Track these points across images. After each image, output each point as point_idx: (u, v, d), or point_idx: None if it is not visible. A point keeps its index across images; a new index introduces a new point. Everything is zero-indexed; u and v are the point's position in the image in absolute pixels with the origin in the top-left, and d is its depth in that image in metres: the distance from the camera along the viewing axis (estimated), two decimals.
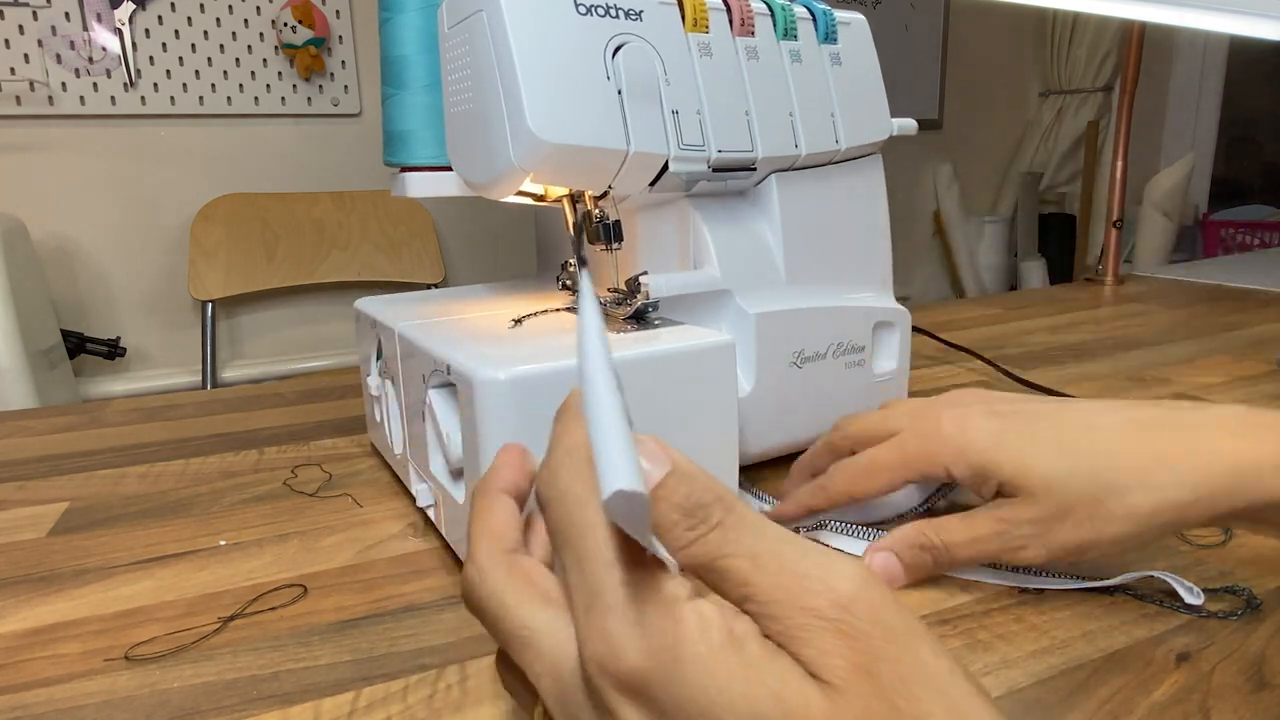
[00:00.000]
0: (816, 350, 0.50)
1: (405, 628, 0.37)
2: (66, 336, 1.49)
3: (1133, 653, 0.33)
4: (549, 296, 0.54)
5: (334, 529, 0.47)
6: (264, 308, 1.72)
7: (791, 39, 0.46)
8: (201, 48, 1.56)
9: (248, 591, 0.40)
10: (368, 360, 0.55)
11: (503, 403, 0.35)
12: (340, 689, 0.32)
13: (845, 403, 0.51)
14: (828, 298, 0.50)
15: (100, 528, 0.48)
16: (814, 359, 0.50)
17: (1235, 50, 2.74)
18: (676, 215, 0.47)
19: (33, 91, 1.46)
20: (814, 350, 0.50)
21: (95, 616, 0.38)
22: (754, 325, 0.47)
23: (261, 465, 0.57)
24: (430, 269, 1.74)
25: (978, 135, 2.64)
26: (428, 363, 0.41)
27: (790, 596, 0.19)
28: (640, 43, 0.41)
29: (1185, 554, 0.41)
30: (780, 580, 0.19)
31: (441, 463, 0.42)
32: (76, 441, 0.63)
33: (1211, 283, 1.15)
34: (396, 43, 0.49)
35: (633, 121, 0.40)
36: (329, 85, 1.68)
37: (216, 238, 1.59)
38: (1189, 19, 0.58)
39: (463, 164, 0.45)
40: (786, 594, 0.19)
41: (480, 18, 0.39)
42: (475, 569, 0.23)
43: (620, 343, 0.39)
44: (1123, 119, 1.18)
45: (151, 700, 0.32)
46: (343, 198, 1.71)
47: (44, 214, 1.52)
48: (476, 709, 0.31)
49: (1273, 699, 0.30)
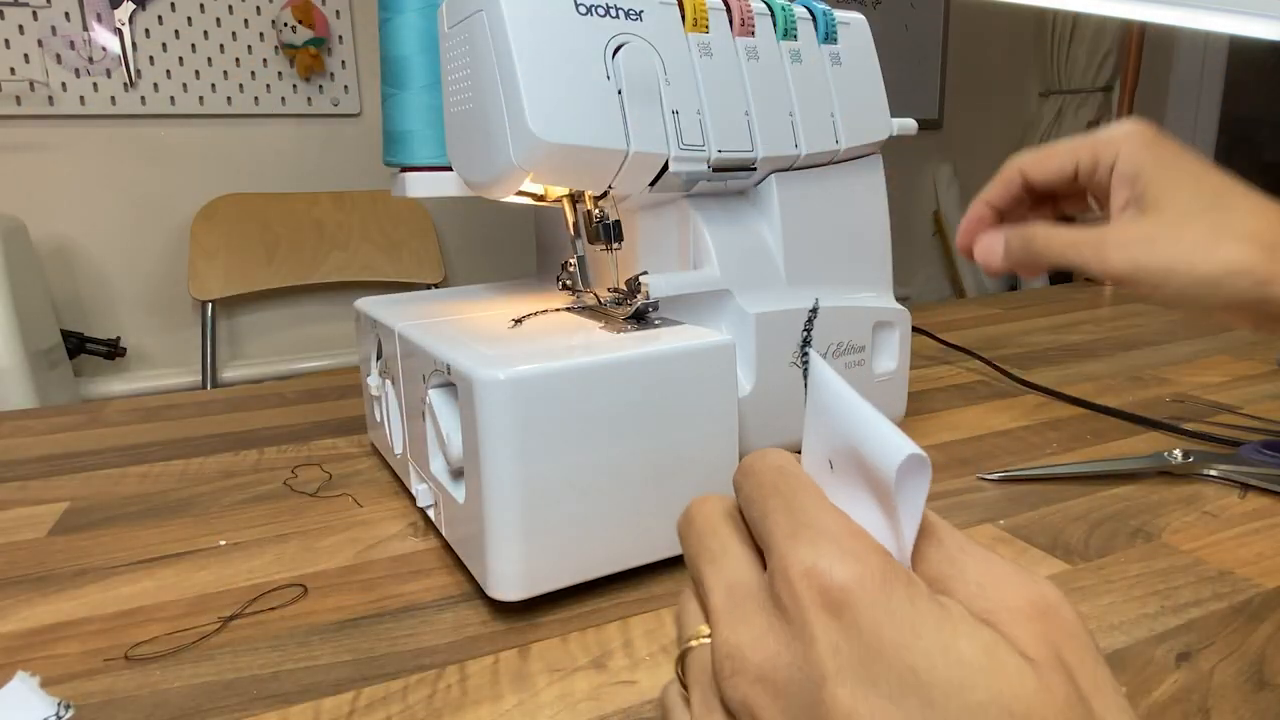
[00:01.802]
0: (816, 350, 0.50)
1: (405, 628, 0.37)
2: (66, 336, 1.49)
3: (1133, 652, 0.33)
4: (549, 296, 0.54)
5: (334, 529, 0.47)
6: (264, 308, 1.72)
7: (791, 39, 0.46)
8: (201, 48, 1.56)
9: (248, 591, 0.40)
10: (368, 360, 0.55)
11: (503, 403, 0.35)
12: (340, 689, 0.32)
13: None
14: (828, 298, 0.50)
15: (100, 528, 0.48)
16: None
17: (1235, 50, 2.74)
18: (676, 215, 0.47)
19: (33, 91, 1.46)
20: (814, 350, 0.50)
21: (95, 616, 0.38)
22: (754, 325, 0.47)
23: (261, 465, 0.57)
24: (430, 269, 1.74)
25: (978, 135, 2.64)
26: (428, 363, 0.41)
27: (997, 588, 0.19)
28: (640, 43, 0.41)
29: (1185, 554, 0.41)
30: (988, 569, 0.19)
31: (441, 463, 0.42)
32: (76, 441, 0.63)
33: None
34: (396, 43, 0.49)
35: (633, 121, 0.40)
36: (329, 85, 1.68)
37: (216, 238, 1.59)
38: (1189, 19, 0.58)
39: (462, 164, 0.45)
40: (994, 584, 0.19)
41: (480, 18, 0.39)
42: (710, 496, 0.25)
43: (620, 343, 0.39)
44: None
45: (151, 700, 0.32)
46: (343, 198, 1.71)
47: (44, 214, 1.52)
48: (476, 709, 0.31)
49: (1273, 699, 0.30)
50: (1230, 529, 0.44)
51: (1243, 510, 0.46)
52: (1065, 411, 0.64)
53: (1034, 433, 0.60)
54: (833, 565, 0.18)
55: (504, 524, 0.36)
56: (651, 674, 0.33)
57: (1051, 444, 0.57)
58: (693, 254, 0.47)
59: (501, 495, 0.35)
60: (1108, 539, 0.43)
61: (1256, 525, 0.44)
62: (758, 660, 0.19)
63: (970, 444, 0.57)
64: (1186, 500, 0.48)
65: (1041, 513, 0.47)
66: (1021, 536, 0.44)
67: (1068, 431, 0.60)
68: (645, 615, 0.37)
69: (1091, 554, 0.42)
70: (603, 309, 0.47)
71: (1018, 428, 0.61)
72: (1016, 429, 0.61)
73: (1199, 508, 0.47)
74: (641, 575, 0.40)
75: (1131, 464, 0.52)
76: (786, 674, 0.19)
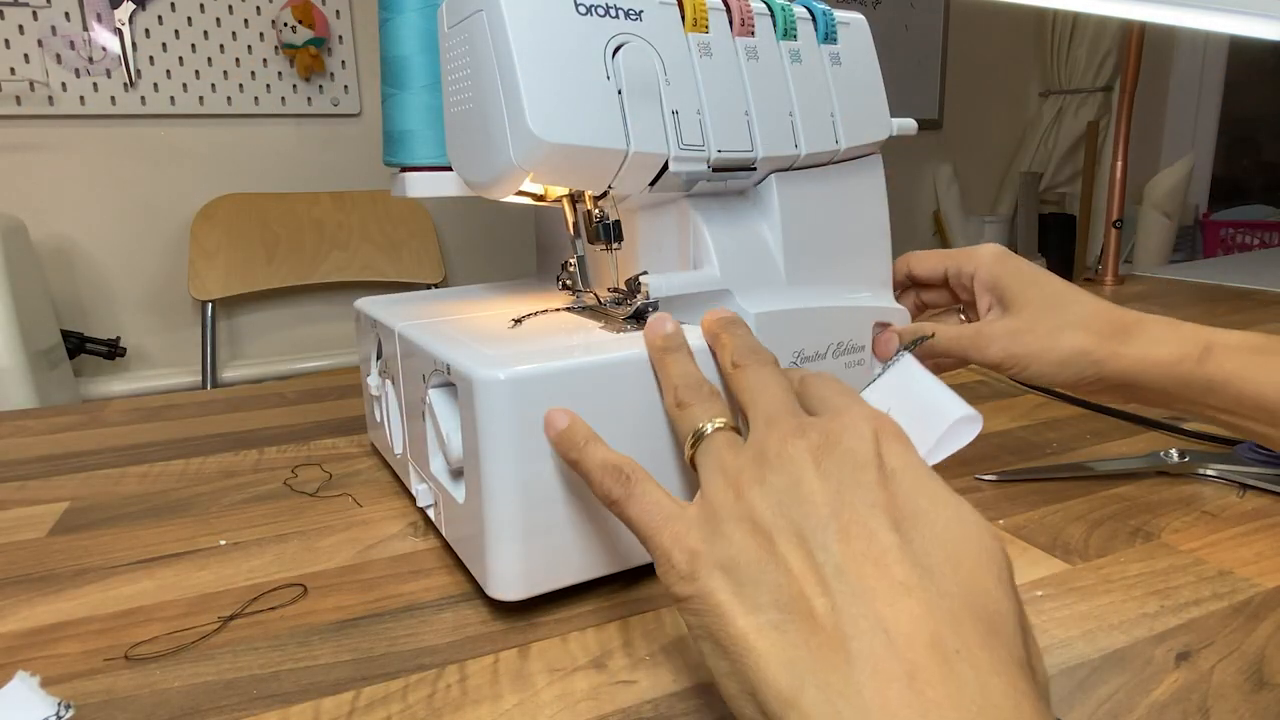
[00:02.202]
0: (816, 350, 0.50)
1: (405, 628, 0.37)
2: (66, 336, 1.49)
3: (1132, 652, 0.33)
4: (549, 296, 0.54)
5: (334, 529, 0.47)
6: (264, 308, 1.72)
7: (791, 39, 0.46)
8: (201, 48, 1.56)
9: (248, 591, 0.40)
10: (368, 360, 0.55)
11: (503, 403, 0.35)
12: (340, 689, 0.32)
13: None
14: (828, 298, 0.50)
15: (100, 528, 0.48)
16: (814, 359, 0.50)
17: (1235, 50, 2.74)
18: (676, 215, 0.47)
19: (33, 91, 1.46)
20: (814, 350, 0.50)
21: (95, 616, 0.38)
22: (754, 325, 0.47)
23: (261, 465, 0.57)
24: (430, 269, 1.74)
25: (978, 135, 2.64)
26: (428, 363, 0.41)
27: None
28: (640, 43, 0.41)
29: (1185, 553, 0.41)
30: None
31: (441, 463, 0.42)
32: (76, 441, 0.63)
33: (1211, 283, 1.15)
34: (396, 43, 0.49)
35: (633, 121, 0.40)
36: (329, 85, 1.68)
37: (216, 238, 1.59)
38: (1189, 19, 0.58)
39: (462, 164, 0.45)
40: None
41: (480, 18, 0.39)
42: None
43: (620, 343, 0.39)
44: (1123, 119, 1.18)
45: (151, 700, 0.32)
46: (343, 198, 1.71)
47: (44, 214, 1.52)
48: (476, 709, 0.31)
49: (1272, 698, 0.30)
50: (1230, 529, 0.44)
51: (1242, 510, 0.46)
52: (1064, 411, 0.64)
53: (1033, 433, 0.60)
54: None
55: (504, 524, 0.36)
56: (651, 674, 0.33)
57: (1051, 444, 0.57)
58: (693, 254, 0.47)
59: (501, 495, 0.35)
60: (1107, 539, 0.43)
61: (1256, 525, 0.44)
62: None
63: (970, 444, 0.57)
64: (1185, 500, 0.48)
65: (1041, 513, 0.47)
66: (1021, 536, 0.44)
67: (1067, 432, 0.60)
68: (645, 615, 0.37)
69: (1091, 554, 0.42)
70: (603, 309, 0.47)
71: (1017, 428, 0.61)
72: (1016, 429, 0.61)
73: (1198, 507, 0.47)
74: (641, 575, 0.40)
75: (1130, 464, 0.52)
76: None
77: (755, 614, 0.24)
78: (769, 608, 0.24)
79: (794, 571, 0.24)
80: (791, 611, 0.24)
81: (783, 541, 0.25)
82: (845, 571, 0.24)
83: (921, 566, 0.23)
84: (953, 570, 0.23)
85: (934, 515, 0.25)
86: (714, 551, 0.26)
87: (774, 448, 0.28)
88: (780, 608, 0.24)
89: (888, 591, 0.23)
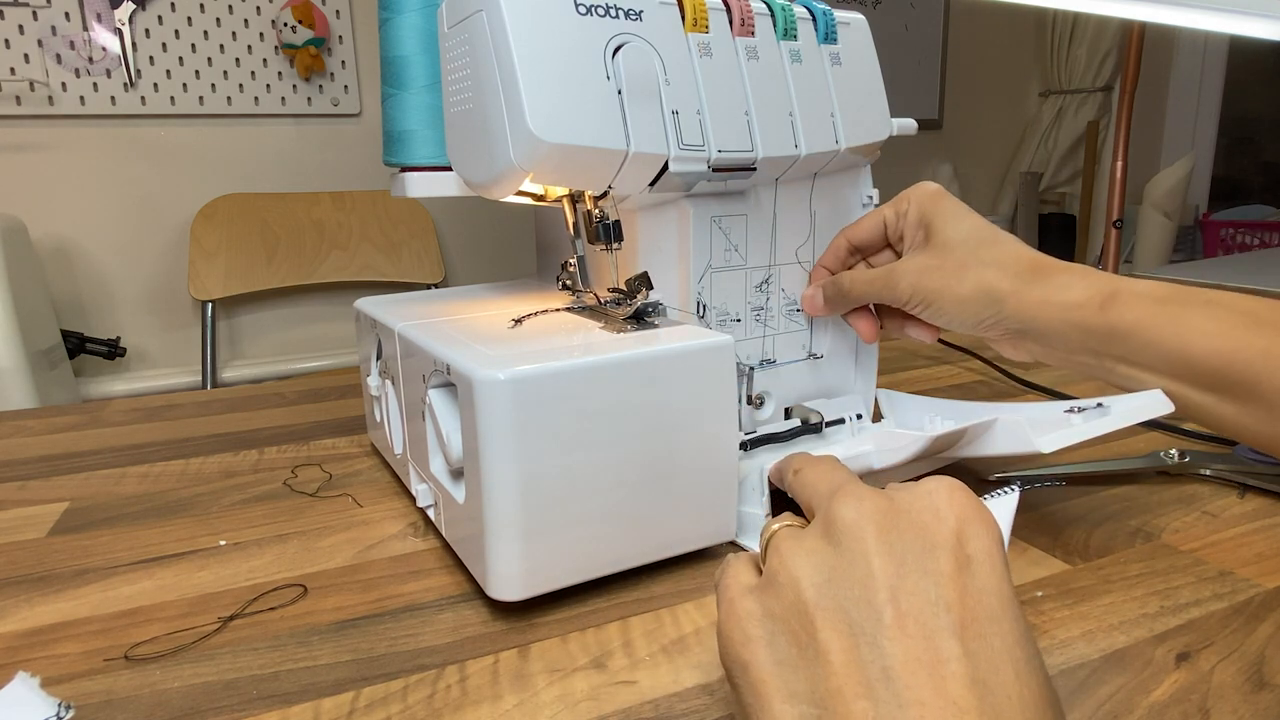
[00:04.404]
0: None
1: (405, 628, 0.37)
2: (66, 336, 1.49)
3: (1133, 653, 0.33)
4: (549, 296, 0.54)
5: (334, 529, 0.47)
6: (264, 308, 1.72)
7: (791, 39, 0.46)
8: (201, 48, 1.56)
9: (248, 591, 0.40)
10: (368, 360, 0.55)
11: (503, 403, 0.35)
12: (340, 689, 0.32)
13: None
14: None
15: (100, 528, 0.48)
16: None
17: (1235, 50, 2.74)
18: (676, 215, 0.47)
19: (33, 91, 1.46)
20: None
21: (95, 616, 0.38)
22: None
23: (261, 465, 0.57)
24: (430, 269, 1.74)
25: (978, 135, 2.64)
26: (428, 363, 0.41)
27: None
28: (640, 43, 0.41)
29: (1185, 554, 0.41)
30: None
31: (441, 463, 0.42)
32: (76, 441, 0.63)
33: (1211, 283, 1.15)
34: (396, 43, 0.49)
35: (633, 121, 0.40)
36: (329, 85, 1.68)
37: (216, 238, 1.59)
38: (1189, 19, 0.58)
39: (462, 164, 0.45)
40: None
41: (480, 18, 0.39)
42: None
43: (620, 343, 0.39)
44: (1123, 119, 1.18)
45: (151, 700, 0.32)
46: (343, 198, 1.71)
47: (44, 214, 1.52)
48: (476, 709, 0.31)
49: (1272, 699, 0.30)
50: (1230, 529, 0.44)
51: (1242, 510, 0.46)
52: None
53: None
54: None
55: (504, 524, 0.36)
56: (651, 674, 0.33)
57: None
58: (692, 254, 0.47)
59: (501, 495, 0.35)
60: (1107, 539, 0.43)
61: (1256, 525, 0.44)
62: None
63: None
64: (1185, 500, 0.48)
65: (1041, 513, 0.47)
66: (1021, 537, 0.44)
67: None
68: (645, 615, 0.37)
69: (1091, 554, 0.42)
70: (603, 309, 0.47)
71: None
72: None
73: (1198, 507, 0.47)
74: (641, 575, 0.40)
75: (1130, 464, 0.52)
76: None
77: (791, 703, 0.22)
78: (804, 699, 0.22)
79: (834, 665, 0.22)
80: (827, 708, 0.21)
81: (825, 627, 0.22)
82: (893, 677, 0.21)
83: (983, 685, 0.21)
84: (1019, 693, 0.21)
85: (1007, 624, 0.22)
86: (760, 629, 0.24)
87: (835, 511, 0.25)
88: (816, 702, 0.22)
89: (939, 711, 0.20)
